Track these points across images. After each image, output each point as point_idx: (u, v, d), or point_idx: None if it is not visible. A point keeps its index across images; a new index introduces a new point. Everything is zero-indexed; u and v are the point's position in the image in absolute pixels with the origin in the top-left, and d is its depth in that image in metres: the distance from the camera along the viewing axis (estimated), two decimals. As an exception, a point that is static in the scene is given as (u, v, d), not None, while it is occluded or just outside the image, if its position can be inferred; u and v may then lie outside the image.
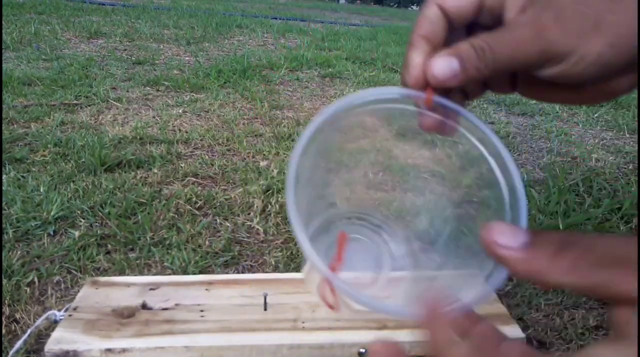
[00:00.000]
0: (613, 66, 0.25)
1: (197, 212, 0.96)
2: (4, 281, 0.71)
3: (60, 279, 0.74)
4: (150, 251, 0.82)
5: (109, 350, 0.51)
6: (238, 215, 0.96)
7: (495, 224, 0.22)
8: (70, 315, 0.56)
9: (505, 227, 0.21)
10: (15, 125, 1.34)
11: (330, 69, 2.52)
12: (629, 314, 0.18)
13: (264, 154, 1.29)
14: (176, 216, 0.93)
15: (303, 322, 0.57)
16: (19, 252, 0.78)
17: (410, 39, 0.28)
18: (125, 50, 2.63)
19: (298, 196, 0.25)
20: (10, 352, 0.57)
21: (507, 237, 0.21)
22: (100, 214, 0.92)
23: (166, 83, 1.94)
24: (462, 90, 0.32)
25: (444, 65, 0.26)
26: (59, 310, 0.58)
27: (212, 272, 0.78)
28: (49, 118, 1.41)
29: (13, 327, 0.64)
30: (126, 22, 3.72)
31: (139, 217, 0.91)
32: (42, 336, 0.62)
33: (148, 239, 0.85)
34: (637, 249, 0.18)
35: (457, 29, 0.29)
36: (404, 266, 0.38)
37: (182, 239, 0.86)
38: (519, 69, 0.27)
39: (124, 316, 0.56)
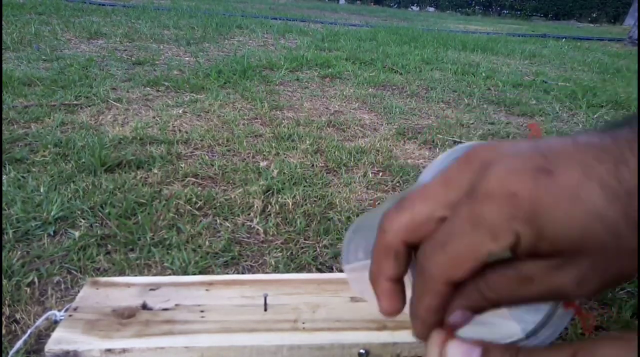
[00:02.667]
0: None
1: (197, 212, 0.96)
2: (4, 281, 0.71)
3: (61, 279, 0.74)
4: (150, 251, 0.82)
5: (109, 350, 0.51)
6: (238, 215, 0.96)
7: (451, 344, 0.23)
8: (70, 315, 0.56)
9: (460, 348, 0.22)
10: (15, 126, 1.34)
11: (330, 70, 2.52)
12: None
13: (264, 155, 1.29)
14: (176, 216, 0.93)
15: (303, 323, 0.57)
16: (19, 253, 0.78)
17: (417, 312, 0.24)
18: (125, 50, 2.63)
19: None
20: (10, 353, 0.57)
21: None
22: (101, 214, 0.92)
23: (166, 83, 1.94)
24: None
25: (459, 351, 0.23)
26: (59, 310, 0.58)
27: (212, 272, 0.78)
28: (49, 118, 1.41)
29: (13, 328, 0.64)
30: (126, 22, 3.72)
31: (139, 217, 0.91)
32: (42, 336, 0.62)
33: (148, 239, 0.85)
34: None
35: None
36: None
37: (182, 240, 0.86)
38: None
39: (124, 316, 0.56)
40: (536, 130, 0.28)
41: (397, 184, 1.18)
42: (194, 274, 0.76)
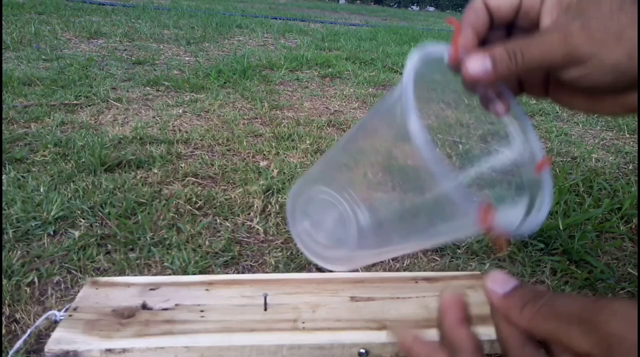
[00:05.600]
0: (629, 77, 0.27)
1: (197, 212, 0.96)
2: (4, 281, 0.71)
3: (60, 279, 0.74)
4: (150, 251, 0.82)
5: (109, 350, 0.51)
6: (238, 215, 0.96)
7: (492, 273, 0.27)
8: (70, 315, 0.56)
9: (499, 276, 0.27)
10: (15, 126, 1.34)
11: (330, 69, 2.52)
12: None
13: (264, 154, 1.29)
14: (176, 216, 0.93)
15: (303, 323, 0.57)
16: (19, 252, 0.78)
17: (460, 24, 0.33)
18: (125, 50, 2.63)
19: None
20: (10, 352, 0.57)
21: (496, 284, 0.26)
22: (100, 214, 0.92)
23: (166, 83, 1.94)
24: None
25: (477, 64, 0.30)
26: (59, 310, 0.58)
27: (212, 272, 0.78)
28: (49, 118, 1.41)
29: (13, 327, 0.64)
30: (126, 22, 3.72)
31: (139, 217, 0.91)
32: (42, 336, 0.62)
33: (148, 239, 0.85)
34: (583, 306, 0.22)
35: (498, 28, 0.33)
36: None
37: (182, 239, 0.86)
38: (547, 69, 0.30)
39: (124, 316, 0.56)
40: (456, 25, 0.32)
41: (397, 184, 1.18)
42: (194, 273, 0.76)
